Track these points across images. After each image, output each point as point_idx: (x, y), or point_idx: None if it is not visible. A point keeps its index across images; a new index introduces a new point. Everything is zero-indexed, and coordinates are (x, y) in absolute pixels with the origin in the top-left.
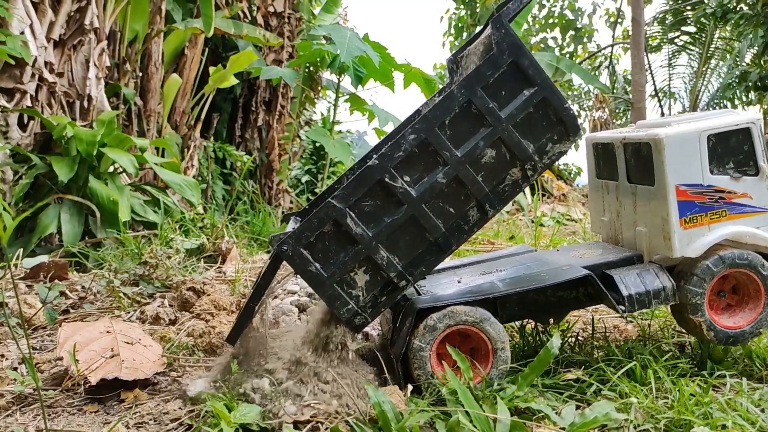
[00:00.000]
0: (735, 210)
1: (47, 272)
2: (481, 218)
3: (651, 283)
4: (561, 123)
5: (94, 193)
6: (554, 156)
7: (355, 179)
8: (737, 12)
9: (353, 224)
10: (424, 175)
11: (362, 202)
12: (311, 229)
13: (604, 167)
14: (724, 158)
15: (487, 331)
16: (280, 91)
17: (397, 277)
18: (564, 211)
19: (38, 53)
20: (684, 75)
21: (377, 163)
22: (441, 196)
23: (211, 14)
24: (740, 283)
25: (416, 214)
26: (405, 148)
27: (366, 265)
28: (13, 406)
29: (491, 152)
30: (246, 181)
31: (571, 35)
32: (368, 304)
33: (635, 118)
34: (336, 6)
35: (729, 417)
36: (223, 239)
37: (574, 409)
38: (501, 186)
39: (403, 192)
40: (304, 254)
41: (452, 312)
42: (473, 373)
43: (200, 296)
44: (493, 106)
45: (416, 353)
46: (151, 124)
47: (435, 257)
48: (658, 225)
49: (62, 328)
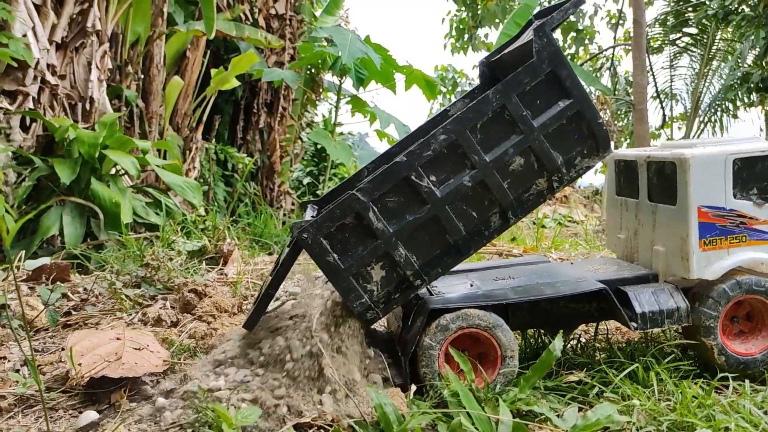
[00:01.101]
0: (755, 236)
1: (49, 274)
2: (503, 225)
3: (665, 302)
4: (593, 137)
5: (96, 195)
6: (582, 170)
7: (381, 174)
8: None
9: (375, 219)
10: (450, 176)
11: (386, 197)
12: (333, 219)
13: (624, 185)
14: (749, 183)
15: (498, 338)
16: (282, 93)
17: (413, 276)
18: (566, 212)
19: (40, 55)
20: (685, 76)
21: (405, 161)
22: (465, 200)
23: (213, 16)
24: (755, 310)
25: (439, 215)
26: (434, 147)
27: (383, 260)
28: (15, 408)
29: (520, 160)
30: (247, 182)
31: (573, 37)
32: (381, 300)
33: (637, 120)
34: (337, 8)
35: (732, 419)
36: (224, 241)
37: (576, 412)
38: (526, 195)
39: (428, 191)
40: (324, 244)
41: (466, 314)
42: (478, 378)
43: (202, 298)
44: (527, 114)
45: (426, 351)
46: (153, 126)
47: (452, 259)
48: (677, 245)
49: (72, 334)
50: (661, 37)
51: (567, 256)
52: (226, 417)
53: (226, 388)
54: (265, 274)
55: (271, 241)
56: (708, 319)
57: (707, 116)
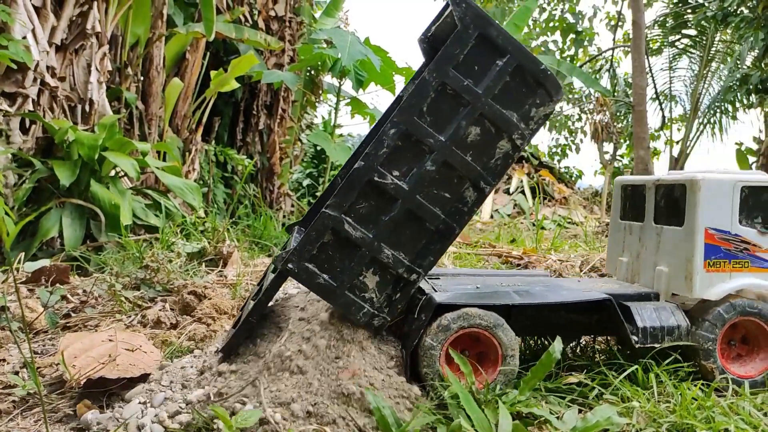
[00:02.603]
0: (757, 263)
1: (49, 276)
2: (479, 197)
3: (666, 319)
4: (540, 86)
5: (96, 197)
6: (540, 120)
7: (344, 185)
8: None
9: (352, 229)
10: (412, 166)
11: (356, 205)
12: (311, 242)
13: (630, 209)
14: (754, 212)
15: (499, 337)
16: (282, 94)
17: (406, 272)
18: (565, 214)
19: (40, 57)
20: (685, 78)
21: (363, 165)
22: (434, 184)
23: (213, 18)
24: (749, 333)
25: (412, 207)
26: (387, 143)
27: (373, 266)
28: (15, 410)
29: (475, 130)
30: (247, 184)
31: (572, 38)
32: (384, 304)
33: (636, 121)
34: (337, 10)
35: (731, 421)
36: (224, 243)
37: (576, 413)
38: (492, 161)
39: (394, 187)
40: (310, 268)
41: (467, 314)
42: (478, 378)
43: (201, 300)
44: (468, 84)
45: (427, 351)
46: (153, 128)
47: (440, 245)
48: (681, 265)
49: (64, 336)
50: (661, 39)
51: (566, 257)
52: (226, 420)
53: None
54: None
55: (270, 243)
56: (706, 341)
57: (706, 118)
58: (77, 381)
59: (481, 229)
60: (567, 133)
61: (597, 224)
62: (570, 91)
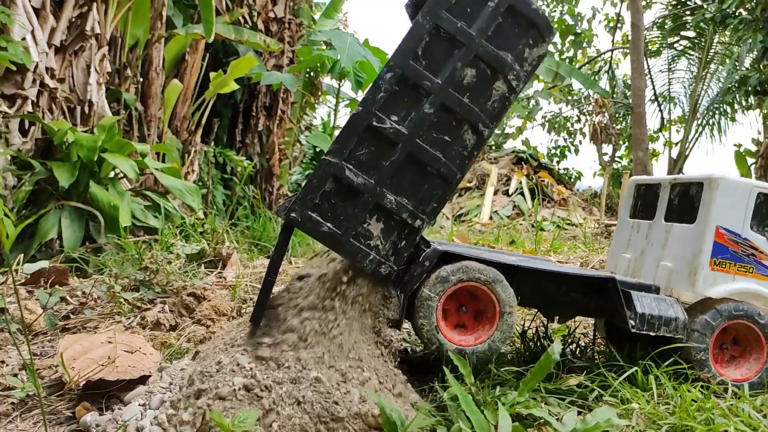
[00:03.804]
0: (762, 271)
1: (48, 278)
2: (478, 140)
3: (665, 310)
4: (533, 26)
5: (95, 199)
6: (534, 62)
7: (343, 131)
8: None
9: (353, 176)
10: (410, 110)
11: (356, 152)
12: (313, 190)
13: (640, 207)
14: (766, 220)
15: (497, 293)
16: (281, 96)
17: (410, 218)
18: (564, 215)
19: (39, 59)
20: (683, 79)
21: (361, 110)
22: (433, 128)
23: (212, 20)
24: (740, 335)
25: (413, 151)
26: (385, 87)
27: (377, 213)
28: (14, 413)
29: (471, 71)
30: (246, 186)
31: (571, 40)
32: (389, 252)
33: (635, 123)
34: (336, 11)
35: (731, 423)
36: (223, 244)
37: (575, 415)
38: (489, 103)
39: (394, 132)
40: (314, 217)
41: (467, 267)
42: (476, 334)
43: (201, 301)
44: (462, 25)
45: (424, 302)
46: (152, 130)
47: (442, 190)
48: (687, 260)
49: (63, 338)
50: (659, 41)
51: (566, 259)
52: (223, 424)
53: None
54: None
55: (270, 244)
56: (698, 352)
57: (705, 119)
58: (76, 383)
59: (481, 231)
60: (566, 134)
61: (596, 225)
62: (569, 92)
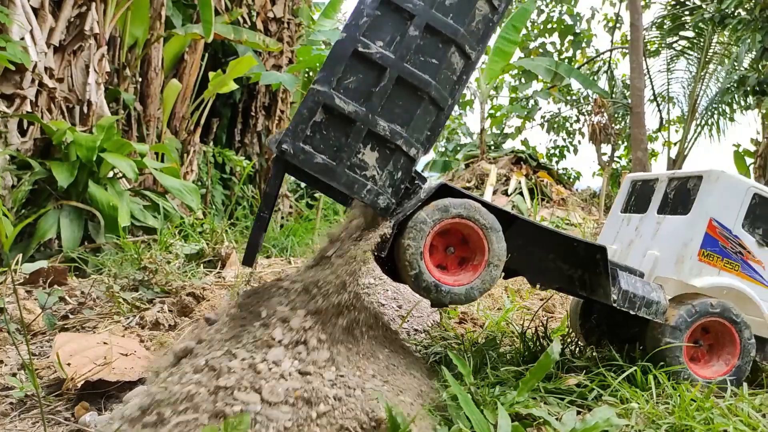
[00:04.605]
0: (747, 271)
1: (47, 277)
2: (467, 64)
3: (648, 292)
4: None
5: (94, 199)
6: None
7: (329, 59)
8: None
9: (344, 103)
10: (395, 34)
11: (344, 79)
12: (303, 120)
13: (634, 202)
14: (757, 222)
15: (491, 241)
16: (280, 96)
17: (405, 145)
18: (563, 215)
19: (38, 59)
20: (682, 79)
21: (345, 36)
22: (419, 51)
23: (211, 20)
24: (711, 329)
25: (402, 74)
26: (367, 12)
27: (371, 141)
28: (13, 412)
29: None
30: (245, 186)
31: (570, 40)
32: (386, 183)
33: (634, 123)
34: (335, 11)
35: (730, 422)
36: (222, 244)
37: (574, 415)
38: (473, 24)
39: (381, 56)
40: (306, 148)
41: (469, 205)
42: (456, 278)
43: (200, 301)
44: None
45: (417, 224)
46: (151, 129)
47: (435, 116)
48: (675, 249)
49: (58, 336)
50: (658, 41)
51: None
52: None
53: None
54: (263, 277)
55: (269, 244)
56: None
57: (704, 119)
58: (73, 381)
59: None
60: (565, 134)
61: (595, 225)
62: (568, 92)
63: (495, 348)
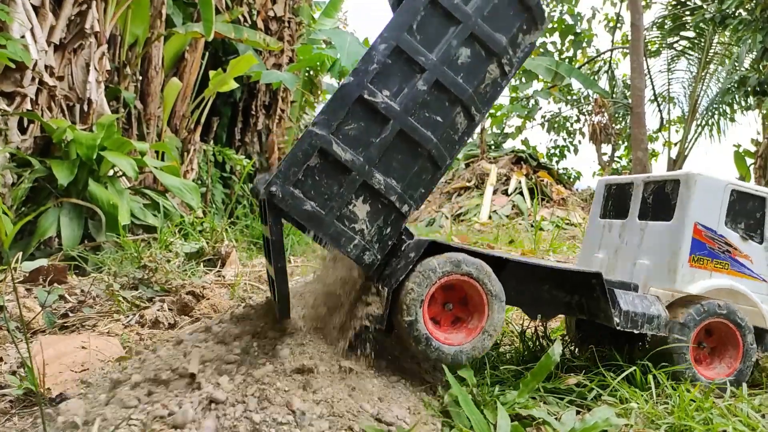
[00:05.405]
0: (736, 267)
1: (46, 276)
2: (469, 125)
3: (647, 307)
4: (528, 10)
5: (94, 197)
6: (527, 48)
7: (332, 102)
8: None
9: (341, 151)
10: (403, 85)
11: (345, 125)
12: (297, 163)
13: (612, 207)
14: (739, 217)
15: (492, 309)
16: (280, 95)
17: (398, 201)
18: (563, 215)
19: (38, 57)
20: (683, 80)
21: (353, 80)
22: (425, 106)
23: (212, 18)
24: (715, 330)
25: (405, 128)
26: (378, 59)
27: (364, 193)
28: (12, 410)
29: (466, 51)
30: (246, 184)
31: (571, 40)
32: (374, 238)
33: (635, 123)
34: (336, 10)
35: (729, 422)
36: (222, 243)
37: (574, 415)
38: (482, 86)
39: (386, 107)
40: (296, 193)
41: (481, 267)
42: (449, 334)
43: (200, 300)
44: (459, 2)
45: (426, 271)
46: (151, 128)
47: (431, 174)
48: (665, 258)
49: (37, 340)
50: (659, 41)
51: (565, 258)
52: None
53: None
54: (263, 277)
55: None
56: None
57: (704, 119)
58: (47, 391)
59: (480, 230)
60: (565, 134)
61: None
62: (569, 92)
63: (495, 347)
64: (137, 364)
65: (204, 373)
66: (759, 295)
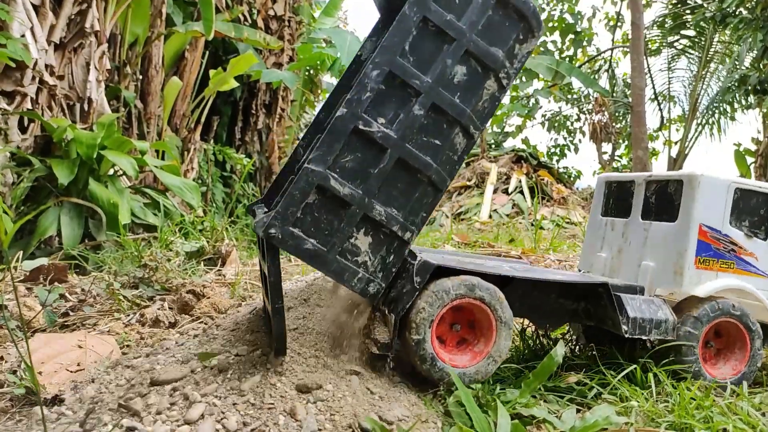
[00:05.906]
0: (741, 266)
1: (47, 275)
2: (468, 143)
3: (654, 312)
4: (523, 19)
5: (94, 196)
6: (523, 58)
7: (326, 136)
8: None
9: (339, 185)
10: (399, 112)
11: (342, 158)
12: (295, 202)
13: (613, 205)
14: (743, 215)
15: (500, 335)
16: (281, 94)
17: (400, 230)
18: (563, 214)
19: (39, 56)
20: (683, 78)
21: (346, 111)
22: (423, 130)
23: (212, 17)
24: (725, 333)
25: (403, 156)
26: (371, 86)
27: (365, 226)
28: (13, 409)
29: (462, 69)
30: (246, 183)
31: (571, 39)
32: (378, 268)
33: (635, 122)
34: (336, 9)
35: (730, 421)
36: (222, 242)
37: (574, 413)
38: (480, 103)
39: (382, 135)
40: (296, 233)
41: (494, 293)
42: (453, 355)
43: (200, 299)
44: (451, 18)
45: (440, 291)
46: (152, 127)
47: (432, 198)
48: (671, 260)
49: (32, 339)
50: (659, 40)
51: (565, 257)
52: None
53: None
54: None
55: None
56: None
57: (705, 118)
58: (45, 391)
59: (480, 229)
60: (566, 133)
61: None
62: (569, 91)
63: None
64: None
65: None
66: (764, 292)
